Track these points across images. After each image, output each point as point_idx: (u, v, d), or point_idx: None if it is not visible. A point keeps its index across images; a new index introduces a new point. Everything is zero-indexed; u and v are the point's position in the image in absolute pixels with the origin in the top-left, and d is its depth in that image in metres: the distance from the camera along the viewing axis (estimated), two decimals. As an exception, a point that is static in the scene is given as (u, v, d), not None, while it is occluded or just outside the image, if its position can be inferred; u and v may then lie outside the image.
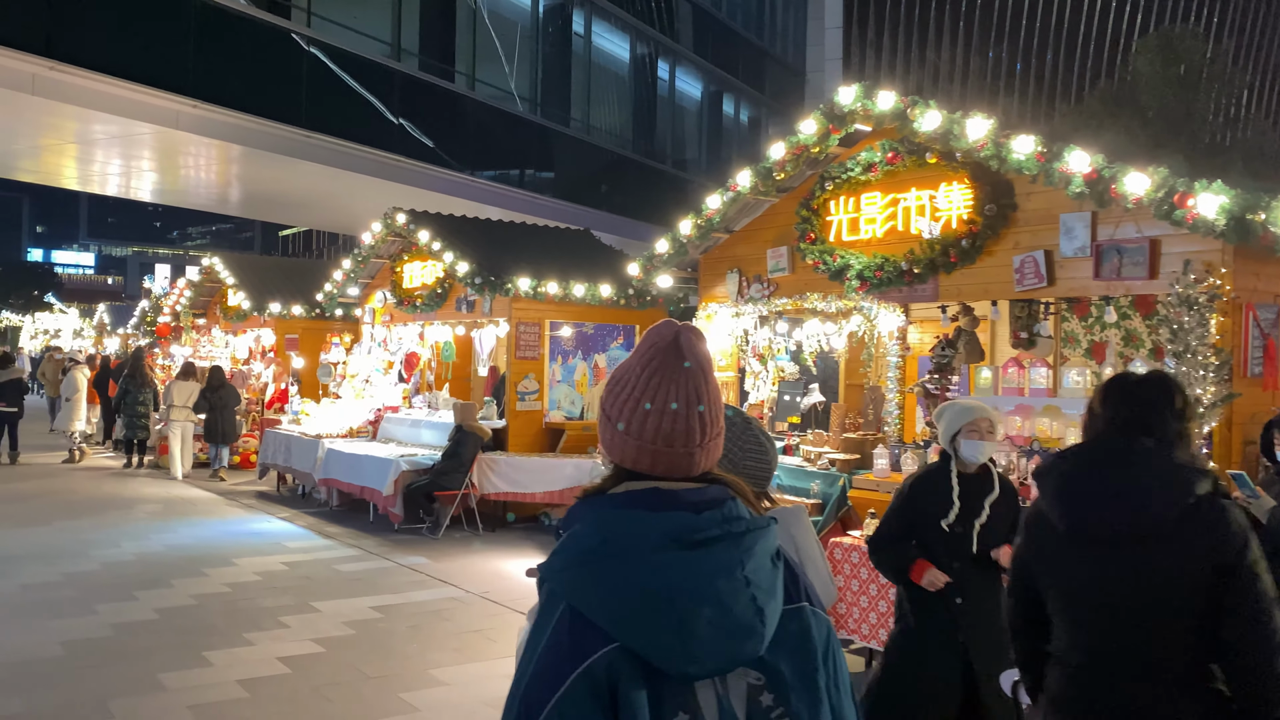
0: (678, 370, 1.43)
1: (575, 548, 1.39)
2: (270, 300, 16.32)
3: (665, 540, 1.33)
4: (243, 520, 10.89)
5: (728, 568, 1.33)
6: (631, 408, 1.45)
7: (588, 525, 1.40)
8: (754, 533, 1.38)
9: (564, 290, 11.04)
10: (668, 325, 1.49)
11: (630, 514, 1.38)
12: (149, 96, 16.66)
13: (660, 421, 1.42)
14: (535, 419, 11.19)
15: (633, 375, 1.47)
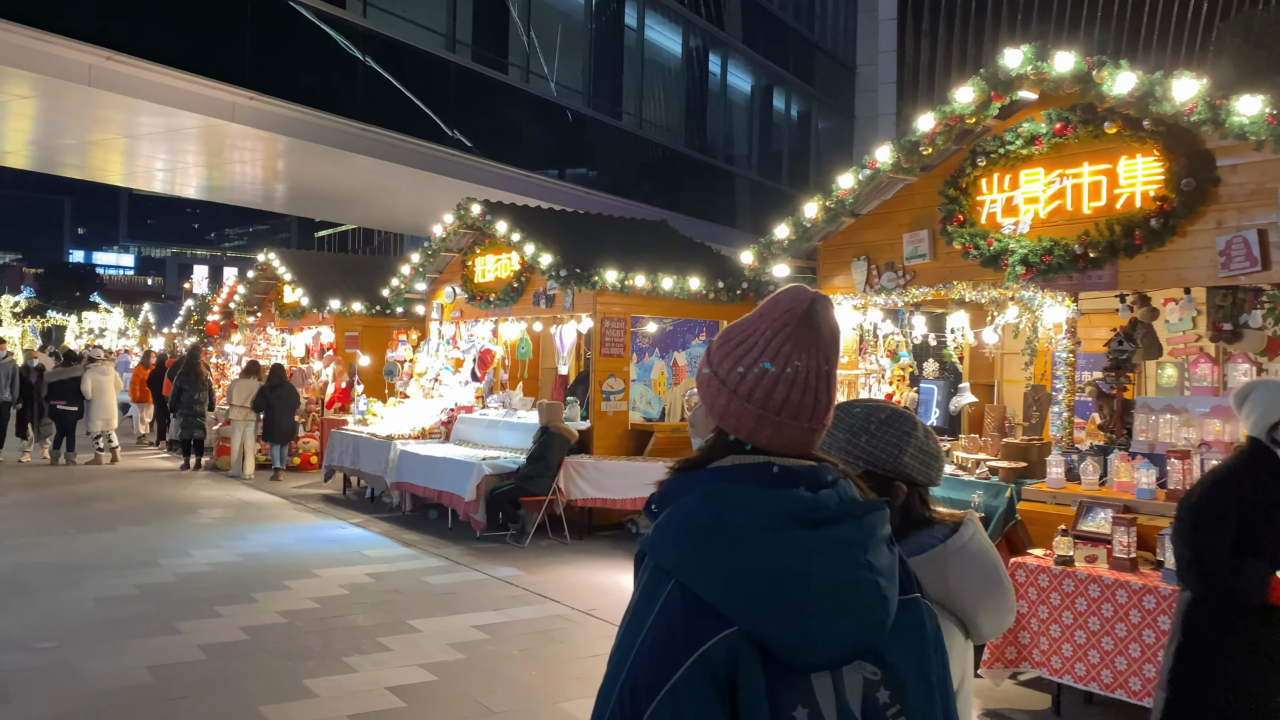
0: (814, 338, 1.32)
1: (685, 522, 1.26)
2: (330, 297, 15.81)
3: (786, 519, 1.23)
4: (315, 526, 10.33)
5: (851, 550, 1.24)
6: (758, 373, 1.32)
7: (696, 500, 1.27)
8: (873, 514, 1.29)
9: (652, 283, 10.38)
10: (801, 290, 1.36)
11: (745, 489, 1.27)
12: (206, 88, 16.25)
13: (790, 391, 1.31)
14: (620, 420, 10.54)
15: (761, 337, 1.34)
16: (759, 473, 1.29)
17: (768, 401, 1.31)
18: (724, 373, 1.35)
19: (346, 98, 18.74)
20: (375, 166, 19.98)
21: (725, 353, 1.37)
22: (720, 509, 1.24)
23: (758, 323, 1.36)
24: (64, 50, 14.17)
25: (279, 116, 17.65)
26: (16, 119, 17.37)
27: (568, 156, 24.51)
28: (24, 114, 16.90)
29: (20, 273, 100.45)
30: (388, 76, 19.52)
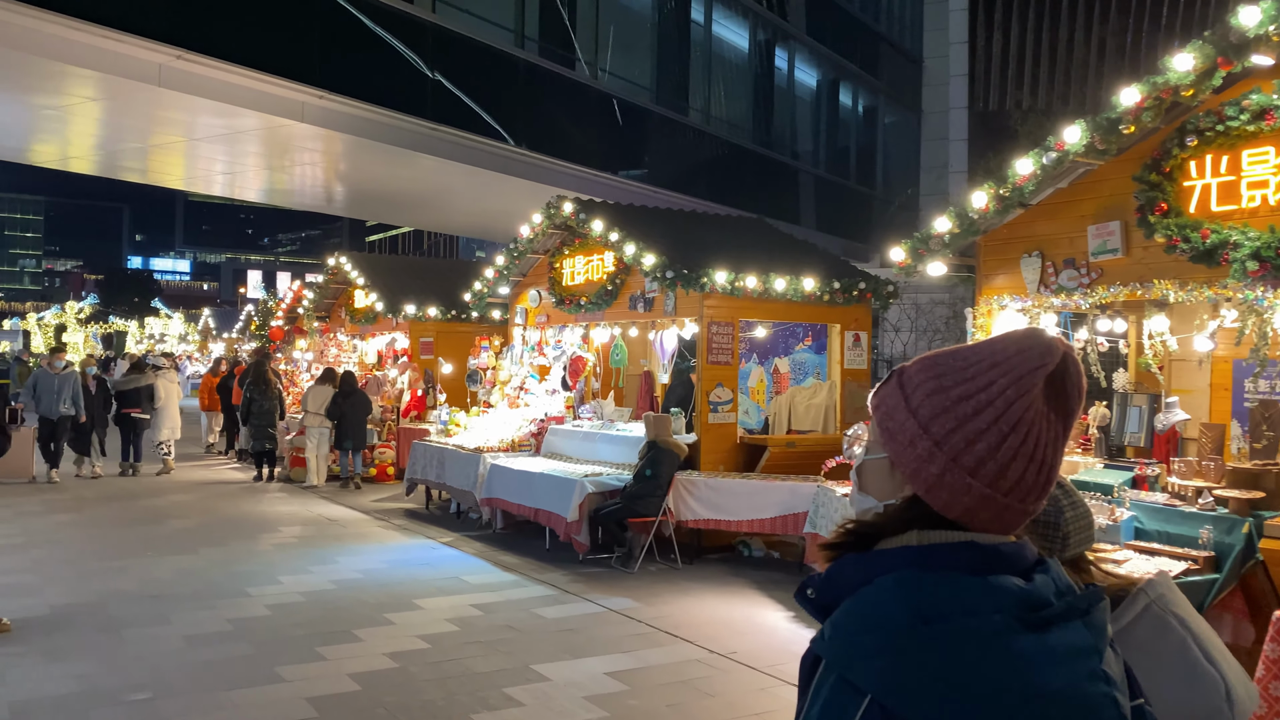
0: (1063, 406, 1.09)
1: (882, 623, 1.02)
2: (404, 301, 15.24)
3: (1009, 619, 1.01)
4: (404, 547, 9.68)
5: (1086, 658, 1.01)
6: (994, 441, 1.08)
7: (887, 592, 1.04)
8: (1099, 607, 1.07)
9: (763, 283, 9.59)
10: (1049, 342, 1.10)
11: (948, 579, 1.04)
12: (276, 86, 15.78)
13: (1026, 469, 1.09)
14: (729, 433, 9.76)
15: (998, 395, 1.08)
16: (960, 555, 1.08)
17: (1000, 480, 1.09)
18: (940, 432, 1.10)
19: (414, 95, 18.21)
20: (438, 166, 19.43)
21: (942, 406, 1.11)
22: (923, 606, 1.03)
23: (991, 373, 1.11)
24: (135, 50, 13.75)
25: (347, 115, 17.16)
26: (82, 121, 17.06)
27: (633, 153, 23.83)
28: (89, 116, 16.56)
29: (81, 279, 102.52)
30: (455, 73, 18.98)
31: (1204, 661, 1.32)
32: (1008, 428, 1.09)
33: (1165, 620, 1.35)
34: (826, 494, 8.11)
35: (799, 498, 8.59)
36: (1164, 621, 1.35)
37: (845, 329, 10.45)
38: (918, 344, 23.24)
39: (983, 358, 1.12)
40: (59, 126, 17.50)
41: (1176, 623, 1.35)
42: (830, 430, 10.45)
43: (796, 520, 8.58)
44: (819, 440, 9.95)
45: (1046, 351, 1.11)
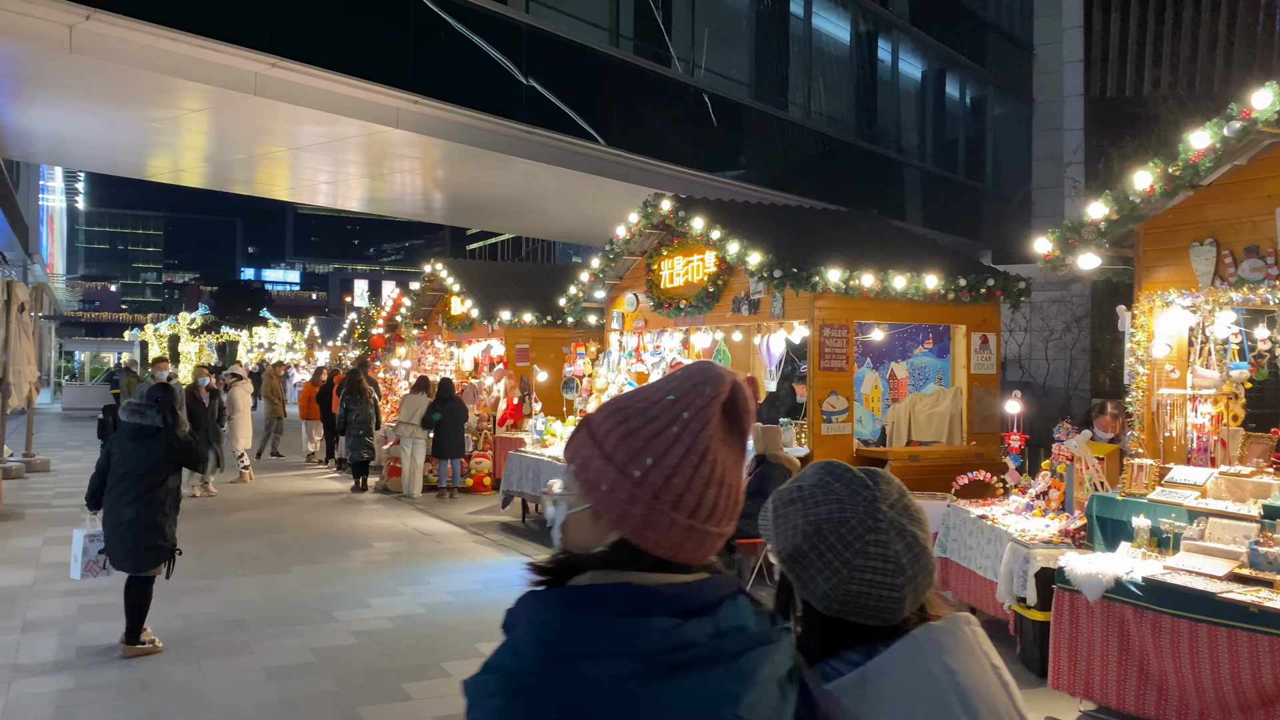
0: (737, 430, 1.15)
1: (507, 668, 1.07)
2: (499, 307, 14.87)
3: (633, 665, 1.01)
4: (498, 565, 9.20)
5: (716, 703, 1.01)
6: (688, 473, 1.12)
7: (526, 637, 1.08)
8: (757, 651, 1.07)
9: (881, 282, 8.81)
10: (718, 371, 1.16)
11: (592, 623, 1.06)
12: (370, 92, 15.63)
13: (718, 495, 1.14)
14: (844, 445, 9.00)
15: (682, 426, 1.12)
16: (619, 598, 1.08)
17: (699, 510, 1.12)
18: (639, 473, 1.12)
19: (507, 98, 17.92)
20: (532, 170, 19.10)
21: (636, 447, 1.13)
22: (556, 648, 1.05)
23: (674, 409, 1.14)
24: (230, 59, 13.72)
25: (441, 120, 16.93)
26: (190, 135, 17.24)
27: (731, 152, 23.14)
28: (197, 129, 16.70)
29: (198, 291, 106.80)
30: (548, 74, 18.62)
31: (960, 714, 1.25)
32: (698, 458, 1.12)
33: (931, 671, 1.28)
34: (959, 514, 7.31)
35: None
36: (929, 672, 1.28)
37: (971, 330, 9.58)
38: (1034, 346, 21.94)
39: (662, 395, 1.15)
40: (169, 140, 17.75)
41: (943, 673, 1.28)
42: (955, 441, 9.59)
43: (922, 542, 7.78)
44: (945, 453, 9.12)
45: (719, 380, 1.15)
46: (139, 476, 6.25)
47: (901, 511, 1.38)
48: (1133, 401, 6.16)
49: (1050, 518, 6.55)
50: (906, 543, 1.35)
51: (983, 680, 1.32)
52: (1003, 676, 1.35)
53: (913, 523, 1.39)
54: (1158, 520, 5.50)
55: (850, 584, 1.32)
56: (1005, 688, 1.34)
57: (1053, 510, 6.66)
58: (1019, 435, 7.42)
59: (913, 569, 1.35)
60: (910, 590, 1.34)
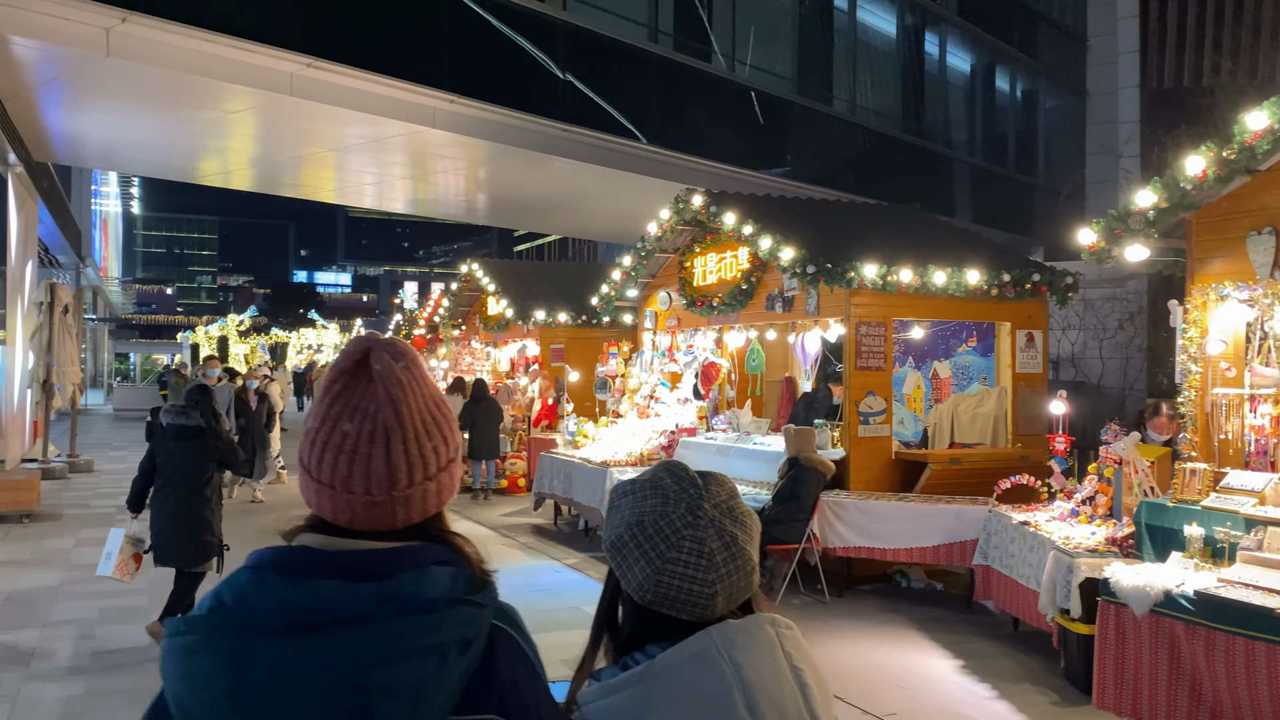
0: (367, 396, 1.19)
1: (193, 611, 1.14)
2: (534, 307, 14.72)
3: (272, 619, 1.06)
4: (526, 569, 9.01)
5: (337, 661, 1.03)
6: (310, 437, 1.22)
7: (223, 581, 1.18)
8: (412, 618, 1.08)
9: (920, 277, 8.46)
10: (359, 340, 1.24)
11: (256, 576, 1.13)
12: (406, 92, 15.56)
13: (337, 460, 1.18)
14: (882, 448, 8.66)
15: (318, 397, 1.24)
16: (284, 558, 1.16)
17: (320, 472, 1.19)
18: (303, 450, 1.24)
19: (545, 97, 17.77)
20: (572, 169, 18.94)
21: (306, 426, 1.26)
22: (222, 599, 1.13)
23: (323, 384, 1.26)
24: (265, 60, 13.72)
25: (479, 120, 16.83)
26: (237, 138, 17.35)
27: (774, 148, 22.76)
28: (241, 132, 16.76)
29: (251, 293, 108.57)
30: (587, 72, 18.44)
31: (740, 711, 1.27)
32: (317, 423, 1.21)
33: (717, 664, 1.30)
34: (1000, 520, 6.96)
35: (966, 523, 7.45)
36: (715, 665, 1.30)
37: (1016, 327, 9.18)
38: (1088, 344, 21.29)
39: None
40: (215, 143, 17.90)
41: (729, 668, 1.30)
42: (1000, 443, 9.21)
43: (963, 549, 7.45)
44: (988, 455, 8.74)
45: (348, 351, 1.24)
46: (186, 476, 6.34)
47: (725, 512, 1.40)
48: (1185, 402, 5.78)
49: (1096, 525, 6.19)
50: (724, 542, 1.37)
51: (773, 679, 1.32)
52: (803, 679, 1.35)
53: (735, 524, 1.40)
54: (1212, 529, 5.13)
55: (663, 575, 1.35)
56: (803, 690, 1.34)
57: (1099, 517, 6.29)
58: (1064, 437, 7.05)
59: (727, 567, 1.36)
60: (723, 588, 1.36)
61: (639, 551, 1.38)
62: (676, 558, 1.36)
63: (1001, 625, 7.10)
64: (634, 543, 1.38)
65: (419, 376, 1.24)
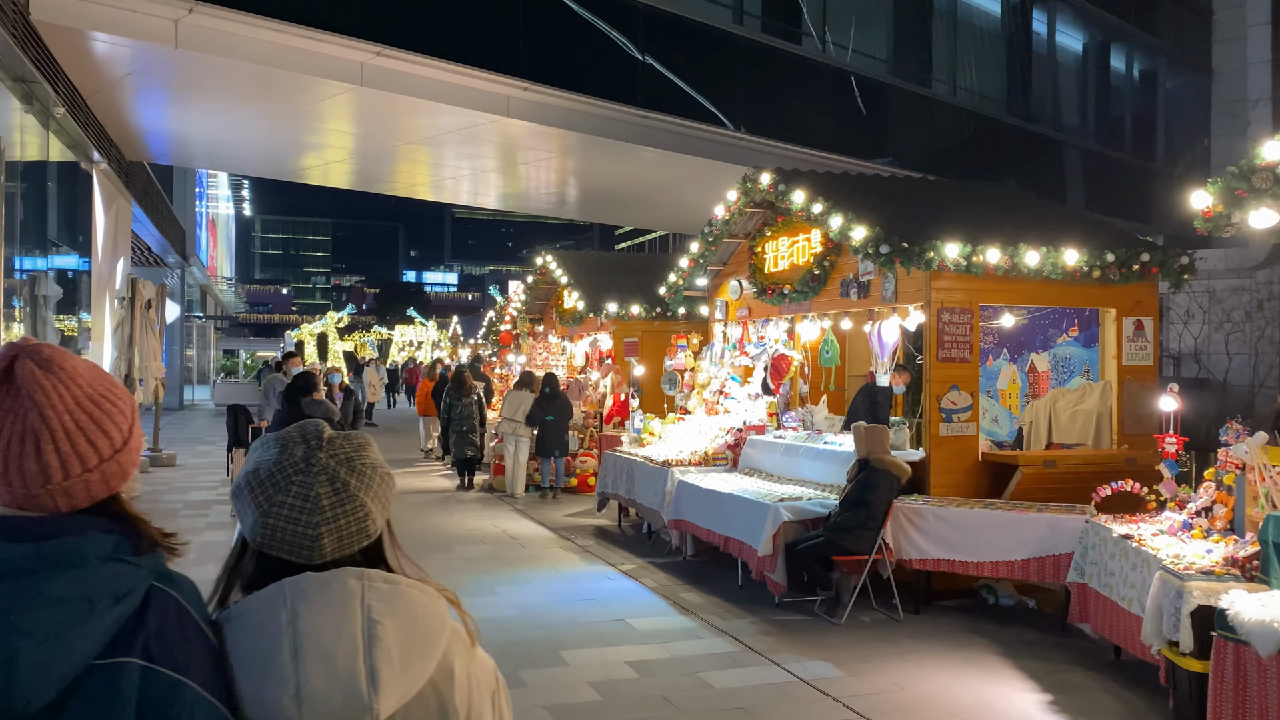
0: (12, 399, 1.29)
1: None
2: (606, 299, 14.16)
3: None
4: (578, 575, 8.44)
5: None
6: None
7: None
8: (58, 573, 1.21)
9: (1010, 258, 7.56)
10: (7, 347, 1.32)
11: None
12: (478, 80, 15.19)
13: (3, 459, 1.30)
14: (967, 448, 7.78)
15: None
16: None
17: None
18: None
19: (623, 82, 17.21)
20: (659, 159, 18.34)
21: None
22: None
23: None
24: (333, 49, 13.50)
25: (554, 108, 16.37)
26: (327, 134, 17.37)
27: (870, 133, 21.69)
28: (333, 127, 16.72)
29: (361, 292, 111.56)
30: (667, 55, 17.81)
31: (285, 657, 1.30)
32: None
33: (278, 611, 1.33)
34: (1098, 532, 6.06)
35: (1060, 535, 6.55)
36: (276, 612, 1.33)
37: (1123, 314, 8.17)
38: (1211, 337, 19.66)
39: None
40: (310, 139, 17.96)
41: (287, 615, 1.32)
42: (1104, 444, 8.22)
43: (1057, 564, 6.56)
44: (1088, 457, 7.77)
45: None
46: None
47: (343, 462, 1.44)
48: (1325, 396, 4.81)
49: (1213, 541, 5.26)
50: (334, 488, 1.41)
51: (333, 630, 1.33)
52: (376, 631, 1.34)
53: (351, 473, 1.43)
54: (1359, 551, 4.20)
55: (269, 517, 1.39)
56: (371, 642, 1.34)
57: (1217, 532, 5.36)
58: (1176, 438, 6.10)
59: (334, 511, 1.40)
60: (328, 531, 1.39)
61: (251, 496, 1.41)
62: (283, 501, 1.39)
63: (1100, 652, 6.19)
64: (248, 488, 1.41)
65: (66, 379, 1.31)
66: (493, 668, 1.53)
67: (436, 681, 1.38)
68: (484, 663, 1.50)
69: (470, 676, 1.44)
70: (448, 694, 1.40)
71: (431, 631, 1.40)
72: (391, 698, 1.32)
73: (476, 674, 1.46)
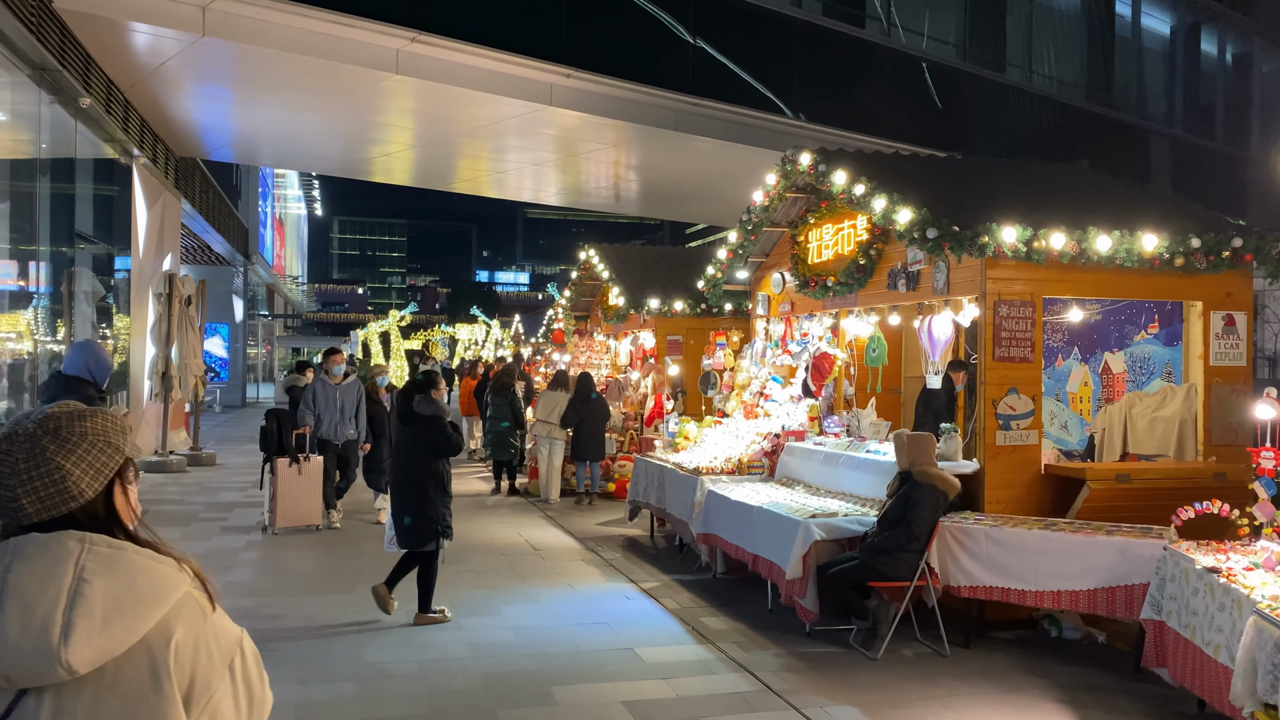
0: None
1: None
2: (649, 295, 13.44)
3: None
4: (594, 593, 7.73)
5: None
6: None
7: None
8: None
9: (1078, 243, 6.63)
10: None
11: None
12: (519, 67, 14.60)
13: None
14: (1028, 460, 6.87)
15: None
16: None
17: None
18: None
19: (675, 69, 16.49)
20: (715, 150, 17.57)
21: None
22: None
23: None
24: (367, 35, 13.04)
25: (602, 96, 15.71)
26: (380, 128, 17.04)
27: (940, 120, 20.56)
28: (391, 121, 16.36)
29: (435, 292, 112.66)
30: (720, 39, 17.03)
31: None
32: None
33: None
34: (1179, 562, 5.14)
35: (1134, 562, 5.64)
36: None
37: (1211, 308, 7.17)
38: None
39: None
40: (364, 134, 17.69)
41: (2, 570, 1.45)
42: (1187, 456, 7.23)
43: (1129, 596, 5.64)
44: (1168, 471, 6.80)
45: None
46: (404, 463, 6.86)
47: (49, 431, 1.55)
48: None
49: (1322, 581, 4.33)
50: (32, 453, 1.53)
51: (39, 585, 1.44)
52: (83, 590, 1.44)
53: (54, 440, 1.54)
54: None
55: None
56: (75, 598, 1.43)
57: (1327, 569, 4.42)
58: (1273, 451, 5.15)
59: (30, 475, 1.52)
60: (26, 493, 1.51)
61: None
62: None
63: (1178, 703, 5.27)
64: None
65: None
66: (237, 637, 1.56)
67: (151, 643, 1.45)
68: (223, 631, 1.54)
69: (199, 643, 1.49)
70: (161, 656, 1.45)
71: (150, 595, 1.47)
72: (86, 652, 1.41)
73: (209, 641, 1.51)
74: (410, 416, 6.79)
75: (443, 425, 6.76)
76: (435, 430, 6.72)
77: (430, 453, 6.73)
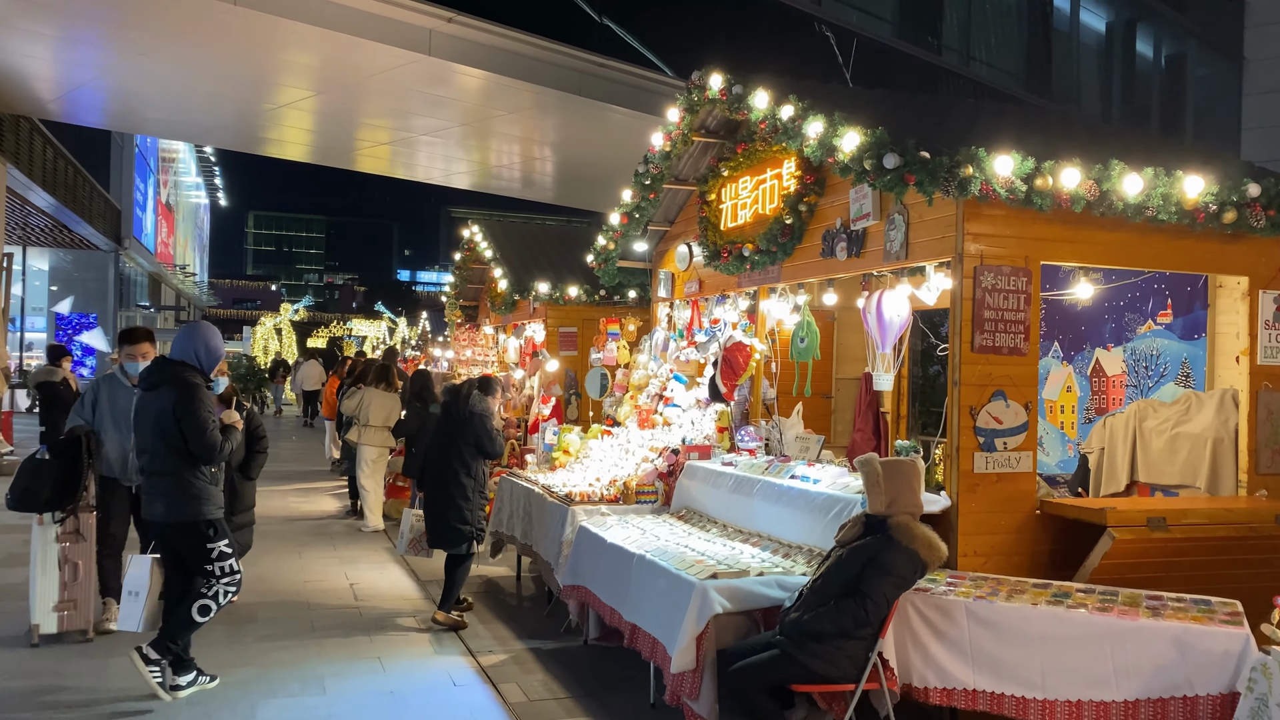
0: None
1: None
2: (539, 279, 11.24)
3: None
4: (410, 676, 5.46)
5: None
6: None
7: None
8: None
9: (1098, 183, 4.62)
10: None
11: None
12: (390, 7, 12.33)
13: None
14: (1017, 495, 4.82)
15: None
16: None
17: None
18: None
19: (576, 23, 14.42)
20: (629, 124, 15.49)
21: None
22: None
23: None
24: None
25: (487, 48, 13.50)
26: (282, 89, 14.77)
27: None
28: (283, 82, 14.18)
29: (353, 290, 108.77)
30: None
31: None
32: None
33: None
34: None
35: (1198, 660, 3.62)
36: None
37: (1260, 286, 5.25)
38: None
39: None
40: (264, 95, 15.41)
41: None
42: (1224, 487, 5.28)
43: (1191, 713, 3.62)
44: (1215, 514, 4.80)
45: None
46: (436, 466, 6.63)
47: None
48: None
49: None
50: None
51: None
52: None
53: None
54: None
55: None
56: None
57: None
58: None
59: None
60: None
61: None
62: None
63: None
64: None
65: None
66: None
67: None
68: None
69: None
70: None
71: None
72: None
73: None
74: (461, 417, 6.52)
75: (492, 425, 6.61)
76: (485, 430, 6.55)
77: (479, 453, 6.55)
